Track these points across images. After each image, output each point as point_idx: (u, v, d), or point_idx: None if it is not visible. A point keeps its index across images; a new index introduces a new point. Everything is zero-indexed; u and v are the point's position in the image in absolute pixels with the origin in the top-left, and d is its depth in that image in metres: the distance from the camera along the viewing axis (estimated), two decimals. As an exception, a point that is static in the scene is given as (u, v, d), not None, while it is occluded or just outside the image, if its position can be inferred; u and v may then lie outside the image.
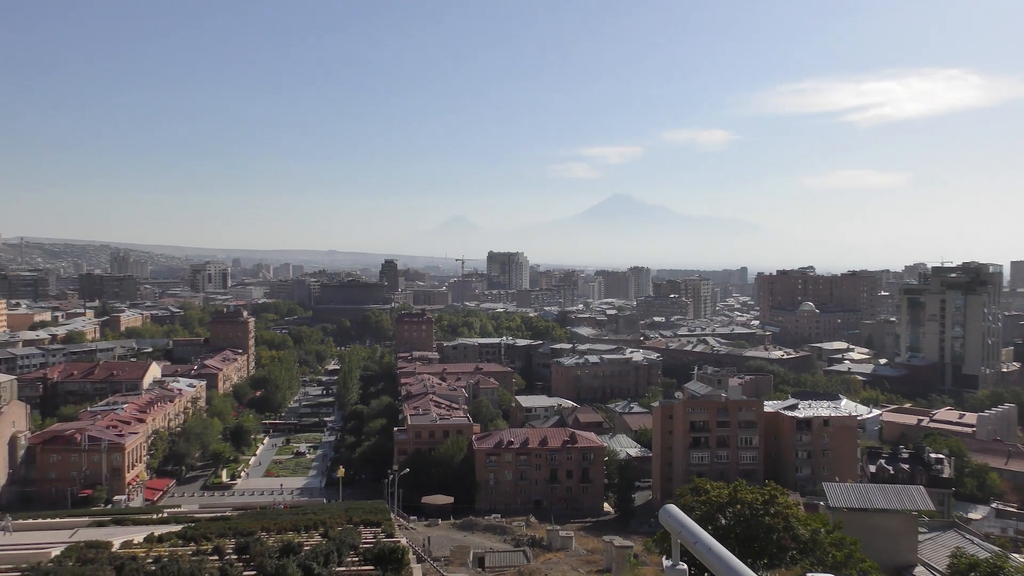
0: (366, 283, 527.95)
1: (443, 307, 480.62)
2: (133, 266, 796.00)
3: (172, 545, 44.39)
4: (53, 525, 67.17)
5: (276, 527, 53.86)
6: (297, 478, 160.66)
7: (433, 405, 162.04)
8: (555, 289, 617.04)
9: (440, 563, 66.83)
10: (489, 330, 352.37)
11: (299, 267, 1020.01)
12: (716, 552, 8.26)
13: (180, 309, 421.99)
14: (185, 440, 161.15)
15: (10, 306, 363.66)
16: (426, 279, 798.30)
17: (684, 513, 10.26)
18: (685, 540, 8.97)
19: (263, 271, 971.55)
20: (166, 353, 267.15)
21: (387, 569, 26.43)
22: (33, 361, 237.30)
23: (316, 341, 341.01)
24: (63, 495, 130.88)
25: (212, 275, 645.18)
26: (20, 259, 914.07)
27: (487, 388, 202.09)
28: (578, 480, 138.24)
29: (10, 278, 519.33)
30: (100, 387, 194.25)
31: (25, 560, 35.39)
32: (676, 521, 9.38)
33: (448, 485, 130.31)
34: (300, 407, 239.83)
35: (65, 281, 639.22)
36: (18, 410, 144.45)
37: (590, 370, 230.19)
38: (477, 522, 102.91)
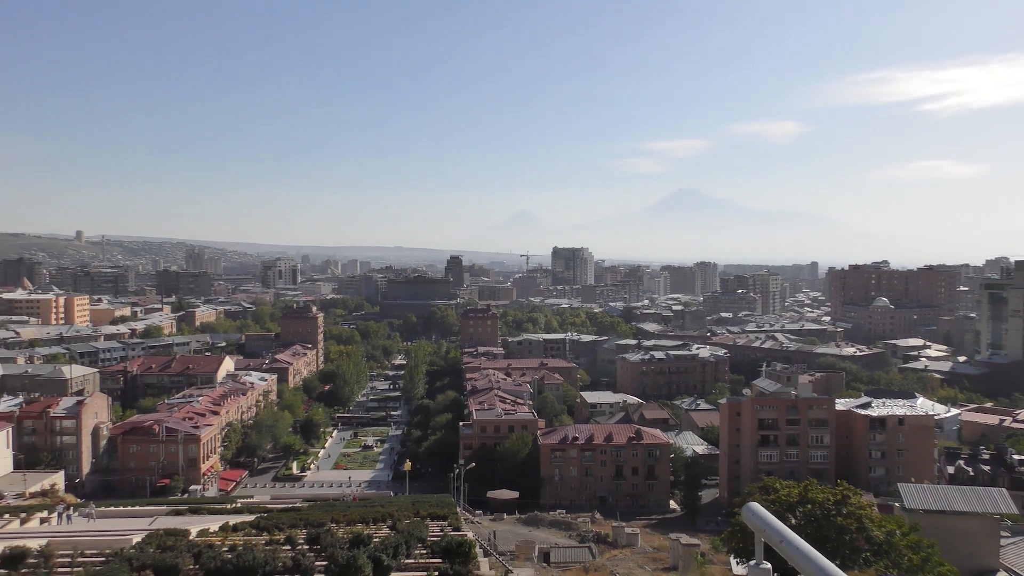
0: (432, 279, 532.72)
1: (508, 303, 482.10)
2: (207, 263, 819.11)
3: (246, 535, 45.55)
4: (133, 513, 69.52)
5: (345, 519, 54.80)
6: (365, 471, 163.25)
7: (498, 400, 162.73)
8: (620, 285, 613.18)
9: (506, 557, 67.11)
10: (554, 326, 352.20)
11: (366, 263, 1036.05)
12: (804, 552, 7.97)
13: (252, 304, 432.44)
14: (257, 432, 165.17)
15: (93, 302, 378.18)
16: (491, 275, 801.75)
17: None
18: (770, 539, 8.68)
19: (331, 267, 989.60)
20: (239, 347, 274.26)
21: (454, 562, 26.65)
22: (114, 355, 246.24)
23: (383, 336, 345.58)
24: (142, 484, 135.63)
25: (282, 271, 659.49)
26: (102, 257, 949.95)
27: (552, 384, 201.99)
28: (644, 477, 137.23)
29: (92, 275, 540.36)
30: (176, 380, 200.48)
31: (109, 546, 36.82)
32: (760, 520, 9.07)
33: (513, 480, 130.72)
34: (368, 401, 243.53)
35: (143, 278, 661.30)
36: (100, 402, 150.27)
37: (656, 366, 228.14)
38: (542, 517, 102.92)
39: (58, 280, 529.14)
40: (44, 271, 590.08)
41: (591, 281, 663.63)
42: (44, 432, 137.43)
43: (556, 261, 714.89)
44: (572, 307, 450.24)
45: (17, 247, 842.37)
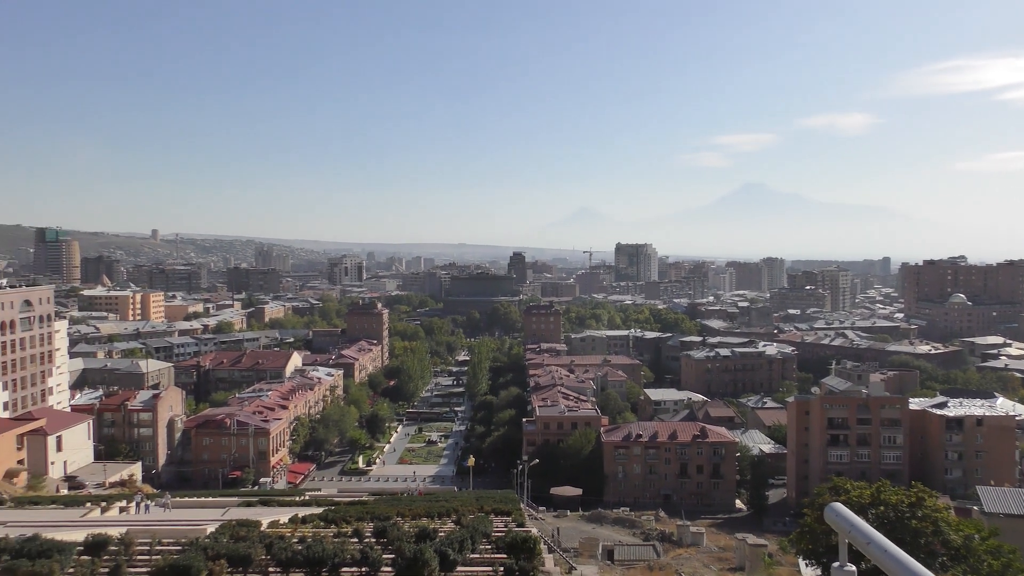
0: (495, 275, 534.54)
1: (571, 299, 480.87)
2: (276, 260, 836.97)
3: (315, 527, 46.44)
4: (207, 504, 71.43)
5: (411, 513, 55.40)
6: (429, 466, 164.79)
7: (561, 397, 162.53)
8: (684, 281, 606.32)
9: (569, 554, 67.05)
10: (617, 322, 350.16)
11: (430, 260, 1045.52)
12: (894, 555, 7.61)
13: (319, 301, 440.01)
14: (324, 427, 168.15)
15: (167, 298, 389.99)
16: (554, 271, 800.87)
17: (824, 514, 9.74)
18: (856, 540, 8.36)
19: (396, 264, 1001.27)
20: (306, 343, 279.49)
21: (519, 558, 26.71)
22: (187, 350, 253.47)
23: (447, 332, 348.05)
24: (215, 476, 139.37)
25: (348, 268, 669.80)
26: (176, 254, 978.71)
27: (615, 381, 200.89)
28: (709, 475, 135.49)
29: (167, 272, 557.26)
30: (247, 375, 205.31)
31: (184, 535, 37.98)
32: (845, 520, 8.77)
33: (576, 477, 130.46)
34: (431, 397, 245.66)
35: (215, 275, 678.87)
36: (175, 395, 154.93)
37: (721, 363, 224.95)
38: (606, 515, 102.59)
39: (135, 277, 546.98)
40: (122, 269, 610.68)
41: (655, 277, 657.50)
42: (122, 424, 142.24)
43: (619, 257, 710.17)
44: (635, 304, 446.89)
45: (97, 246, 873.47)
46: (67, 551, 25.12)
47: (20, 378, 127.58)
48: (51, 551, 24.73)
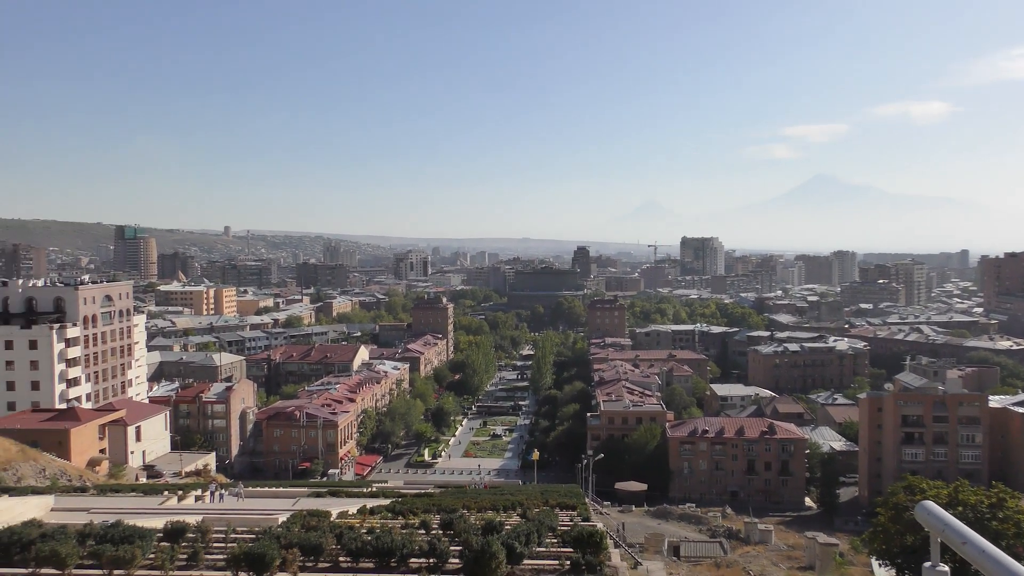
0: (559, 270, 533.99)
1: (635, 293, 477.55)
2: (343, 255, 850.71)
3: (382, 518, 47.14)
4: (278, 494, 73.06)
5: (476, 506, 55.78)
6: (493, 459, 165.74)
7: (626, 391, 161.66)
8: (751, 275, 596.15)
9: (635, 550, 66.69)
10: (682, 317, 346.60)
11: (494, 254, 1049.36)
12: (992, 555, 7.20)
13: (385, 296, 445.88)
14: (391, 420, 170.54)
15: (239, 293, 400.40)
16: (618, 265, 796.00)
17: (898, 513, 9.46)
18: (950, 540, 7.94)
19: (461, 259, 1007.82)
20: (373, 337, 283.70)
21: (586, 552, 26.69)
22: (259, 343, 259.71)
23: (511, 327, 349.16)
24: (285, 467, 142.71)
25: (414, 263, 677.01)
26: (247, 250, 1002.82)
27: (681, 375, 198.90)
28: (777, 472, 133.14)
29: (239, 268, 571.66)
30: (316, 368, 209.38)
31: (257, 524, 39.00)
32: (939, 519, 8.35)
33: (640, 472, 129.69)
34: (496, 391, 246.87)
35: (285, 270, 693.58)
36: (247, 388, 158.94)
37: (790, 359, 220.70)
38: (671, 510, 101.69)
39: (208, 273, 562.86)
40: (196, 264, 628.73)
41: (721, 271, 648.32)
42: (197, 415, 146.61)
43: (685, 251, 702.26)
44: (701, 298, 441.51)
45: (172, 242, 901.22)
46: (148, 537, 26.04)
47: (102, 370, 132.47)
48: (133, 537, 25.68)
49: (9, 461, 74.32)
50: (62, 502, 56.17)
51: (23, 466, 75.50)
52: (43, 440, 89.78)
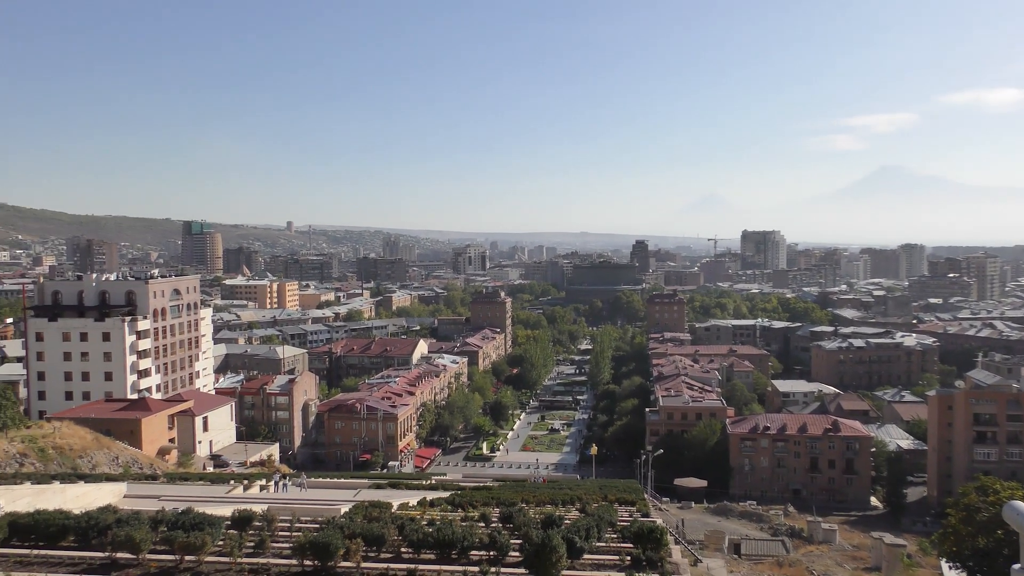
0: (617, 264, 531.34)
1: (695, 288, 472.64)
2: (403, 250, 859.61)
3: (442, 510, 47.60)
4: (339, 485, 74.23)
5: (535, 500, 55.91)
6: (552, 453, 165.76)
7: (685, 387, 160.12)
8: (815, 269, 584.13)
9: (695, 547, 66.07)
10: (743, 311, 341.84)
11: (552, 249, 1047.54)
12: None
13: (443, 290, 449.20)
14: (449, 413, 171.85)
15: (301, 287, 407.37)
16: (677, 259, 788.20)
17: (970, 514, 9.17)
18: None
19: (518, 253, 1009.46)
20: (432, 331, 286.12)
21: (646, 548, 26.55)
22: (320, 336, 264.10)
23: (569, 321, 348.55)
24: (346, 458, 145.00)
25: (472, 257, 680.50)
26: (309, 245, 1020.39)
27: (741, 371, 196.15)
28: (841, 471, 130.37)
29: (301, 262, 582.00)
30: (376, 361, 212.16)
31: (321, 514, 39.80)
32: None
33: (700, 468, 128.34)
34: (554, 385, 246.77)
35: (345, 264, 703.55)
36: (309, 380, 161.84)
37: (854, 355, 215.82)
38: (732, 508, 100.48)
39: (271, 267, 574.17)
40: (260, 259, 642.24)
41: (783, 265, 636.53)
42: (261, 407, 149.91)
43: (746, 245, 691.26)
44: (763, 292, 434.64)
45: (237, 237, 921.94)
46: (217, 525, 26.77)
47: (171, 362, 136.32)
48: (203, 524, 26.43)
49: (85, 449, 77.08)
50: (134, 489, 58.07)
51: (97, 454, 78.24)
52: (116, 429, 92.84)
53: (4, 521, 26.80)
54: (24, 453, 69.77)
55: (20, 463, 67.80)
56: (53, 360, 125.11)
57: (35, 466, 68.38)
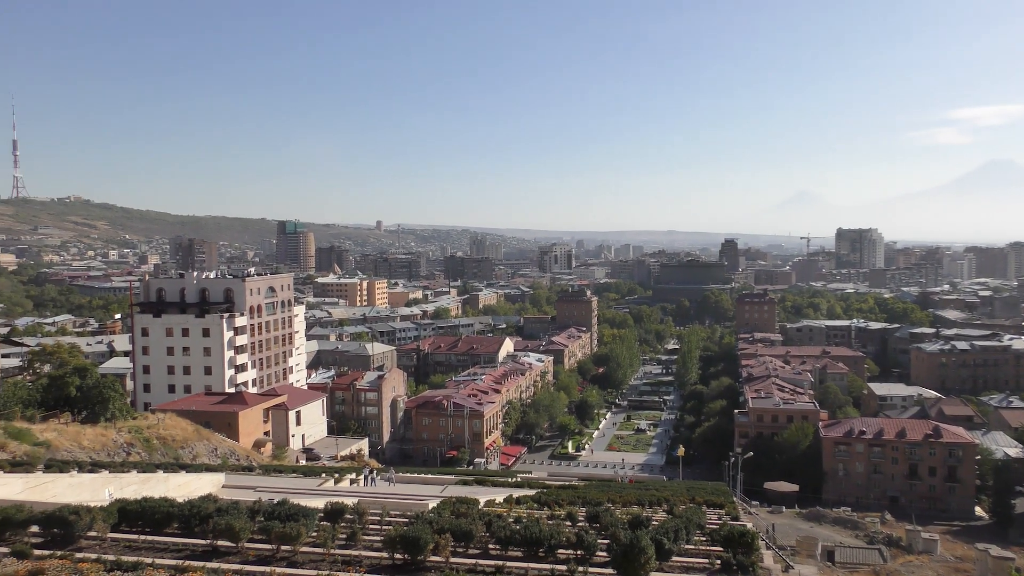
0: (705, 263, 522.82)
1: (786, 287, 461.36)
2: (489, 248, 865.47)
3: (528, 508, 47.76)
4: (427, 480, 75.40)
5: (621, 500, 55.58)
6: (637, 454, 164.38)
7: (776, 388, 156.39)
8: (914, 268, 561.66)
9: (786, 552, 64.46)
10: (837, 312, 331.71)
11: (639, 247, 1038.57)
12: None
13: (529, 288, 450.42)
14: (535, 411, 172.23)
15: (390, 285, 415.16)
16: (768, 258, 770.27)
17: None
18: None
19: (605, 252, 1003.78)
20: (517, 329, 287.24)
21: (736, 552, 26.06)
22: (408, 334, 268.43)
23: (655, 320, 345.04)
24: (433, 454, 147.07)
25: (558, 256, 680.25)
26: (397, 244, 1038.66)
27: (835, 373, 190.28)
28: (943, 479, 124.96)
29: (390, 261, 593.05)
30: (462, 359, 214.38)
31: (409, 508, 40.51)
32: None
33: (791, 472, 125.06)
34: (640, 385, 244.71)
35: (433, 263, 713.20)
36: (398, 377, 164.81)
37: (957, 357, 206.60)
38: (825, 513, 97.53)
39: (361, 266, 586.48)
40: (350, 258, 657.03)
41: (880, 264, 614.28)
42: (351, 402, 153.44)
43: (840, 243, 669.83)
44: (858, 292, 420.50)
45: (329, 236, 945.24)
46: (311, 516, 27.52)
47: (266, 357, 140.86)
48: (298, 515, 27.22)
49: (186, 440, 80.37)
50: (232, 480, 60.26)
51: (198, 445, 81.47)
52: (215, 421, 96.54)
53: (114, 507, 28.19)
54: (131, 443, 73.19)
55: (127, 452, 71.16)
56: (157, 354, 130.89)
57: (141, 455, 71.66)
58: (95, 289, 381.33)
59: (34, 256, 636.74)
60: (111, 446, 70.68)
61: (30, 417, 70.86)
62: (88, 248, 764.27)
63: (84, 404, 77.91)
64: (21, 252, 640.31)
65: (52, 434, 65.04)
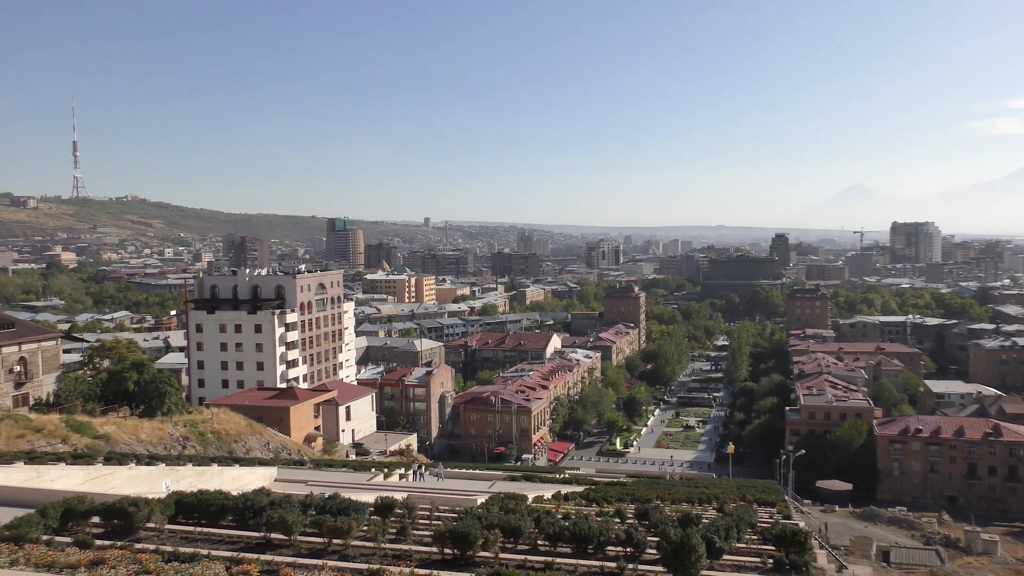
0: (755, 258, 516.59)
1: (839, 282, 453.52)
2: (536, 245, 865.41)
3: (576, 504, 47.64)
4: (475, 476, 75.66)
5: (670, 497, 55.17)
6: (686, 451, 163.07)
7: (828, 385, 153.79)
8: (973, 262, 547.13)
9: (840, 552, 63.37)
10: (892, 307, 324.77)
11: (687, 243, 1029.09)
12: None
13: (577, 284, 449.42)
14: (582, 407, 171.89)
15: (438, 282, 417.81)
16: (820, 253, 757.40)
17: None
18: None
19: (652, 247, 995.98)
20: (565, 325, 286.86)
21: (789, 551, 25.66)
22: (456, 330, 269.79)
23: (704, 316, 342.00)
24: (481, 450, 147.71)
25: (605, 252, 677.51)
26: (445, 240, 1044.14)
27: (890, 370, 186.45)
28: (1003, 478, 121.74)
29: (438, 257, 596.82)
30: (510, 355, 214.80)
31: (458, 503, 40.67)
32: None
33: (844, 471, 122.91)
34: (689, 381, 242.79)
35: (480, 259, 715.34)
36: (446, 373, 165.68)
37: (1018, 354, 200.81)
38: (879, 513, 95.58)
39: (410, 262, 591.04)
40: (399, 254, 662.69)
41: (937, 259, 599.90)
42: (400, 398, 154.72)
43: (895, 237, 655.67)
44: (914, 287, 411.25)
45: (377, 233, 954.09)
46: (362, 511, 27.79)
47: (316, 353, 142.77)
48: (349, 509, 27.51)
49: (239, 434, 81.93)
50: (283, 473, 61.23)
51: (250, 439, 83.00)
52: (267, 416, 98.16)
53: (171, 500, 28.82)
54: (186, 436, 74.84)
55: (183, 446, 72.80)
56: (211, 350, 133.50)
57: (196, 449, 73.25)
58: (151, 286, 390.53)
59: (93, 254, 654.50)
60: (167, 439, 72.37)
61: (91, 411, 72.82)
62: (144, 246, 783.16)
63: (142, 398, 79.70)
64: (81, 250, 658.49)
65: (112, 427, 66.83)
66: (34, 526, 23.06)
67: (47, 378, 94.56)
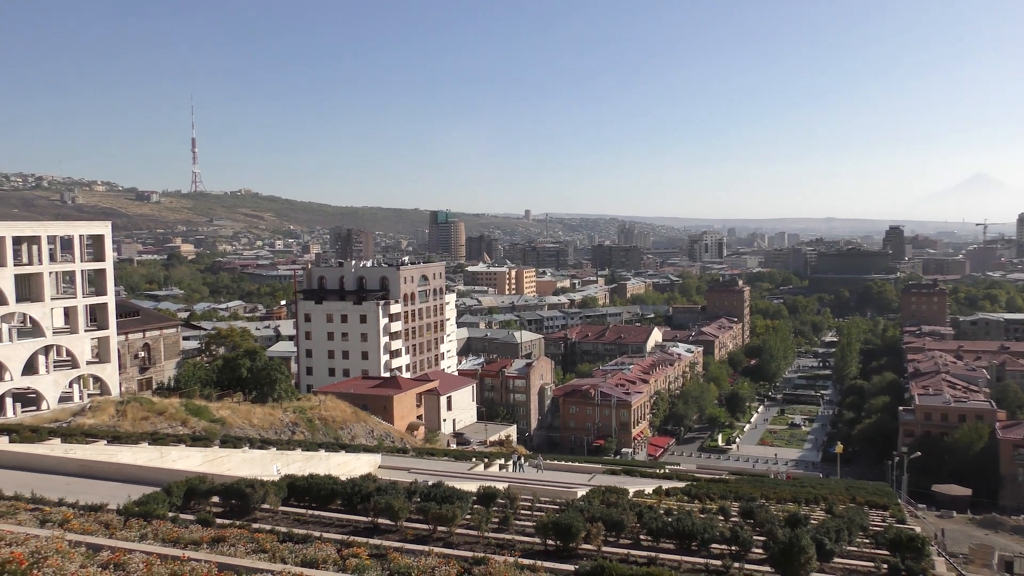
0: (867, 251, 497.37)
1: (959, 277, 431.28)
2: (637, 237, 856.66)
3: (678, 500, 47.11)
4: (574, 468, 75.75)
5: (776, 496, 53.92)
6: (791, 449, 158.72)
7: (946, 385, 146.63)
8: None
9: (958, 560, 60.46)
10: (1018, 304, 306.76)
11: (794, 236, 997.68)
12: None
13: (678, 277, 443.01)
14: (683, 402, 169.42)
15: (538, 274, 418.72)
16: (938, 246, 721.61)
17: None
18: None
19: (757, 240, 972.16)
20: (666, 319, 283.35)
21: (905, 556, 24.64)
22: (556, 323, 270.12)
23: (812, 312, 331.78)
24: (580, 442, 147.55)
25: (708, 245, 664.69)
26: (545, 233, 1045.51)
27: (1016, 370, 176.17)
28: None
29: (538, 249, 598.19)
30: (609, 348, 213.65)
31: (559, 496, 40.87)
32: None
33: (962, 475, 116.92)
34: (795, 378, 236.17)
35: (580, 252, 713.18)
36: (545, 365, 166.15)
37: None
38: (1002, 521, 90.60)
39: (510, 255, 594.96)
40: (499, 247, 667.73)
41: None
42: (500, 389, 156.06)
43: (1023, 229, 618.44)
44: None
45: (479, 226, 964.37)
46: (465, 499, 28.21)
47: (418, 344, 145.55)
48: (453, 498, 27.97)
49: (345, 421, 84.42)
50: (387, 461, 62.81)
51: (356, 426, 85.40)
52: (371, 404, 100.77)
53: (284, 483, 29.99)
54: (295, 422, 77.65)
55: (292, 431, 75.58)
56: (318, 339, 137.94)
57: (304, 434, 75.90)
58: (263, 277, 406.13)
59: (210, 246, 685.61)
60: (278, 425, 75.25)
61: (207, 396, 76.48)
62: (257, 238, 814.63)
63: (254, 385, 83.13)
64: (199, 242, 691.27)
65: (226, 412, 69.98)
66: (160, 503, 24.42)
67: (168, 363, 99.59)
